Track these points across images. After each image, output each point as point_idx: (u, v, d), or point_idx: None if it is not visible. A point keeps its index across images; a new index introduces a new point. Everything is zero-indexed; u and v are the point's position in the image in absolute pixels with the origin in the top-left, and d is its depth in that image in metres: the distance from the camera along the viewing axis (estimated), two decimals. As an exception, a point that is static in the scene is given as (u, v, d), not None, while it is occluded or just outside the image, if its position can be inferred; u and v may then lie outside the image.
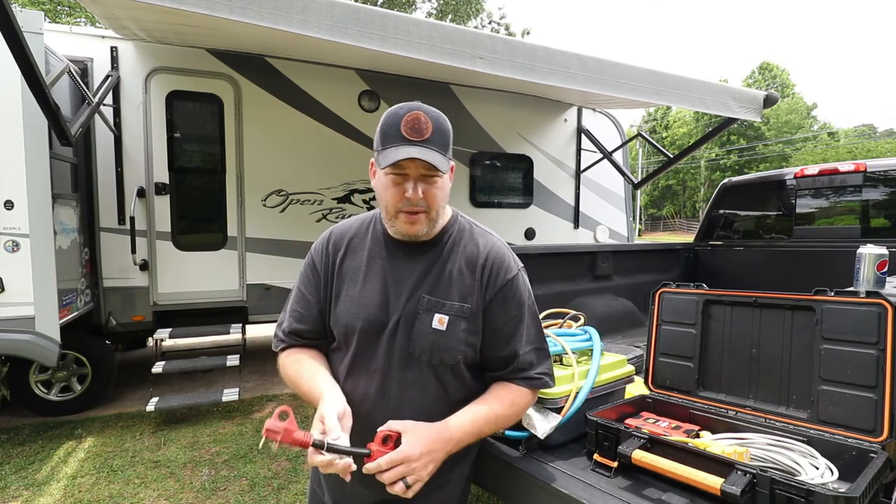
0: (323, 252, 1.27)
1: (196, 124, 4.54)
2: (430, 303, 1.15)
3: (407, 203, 1.10)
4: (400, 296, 1.17)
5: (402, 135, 1.07)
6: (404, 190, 1.09)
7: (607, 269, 3.40)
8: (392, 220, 1.15)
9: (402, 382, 1.16)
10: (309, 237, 4.72)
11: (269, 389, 4.66)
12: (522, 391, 1.21)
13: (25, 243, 3.24)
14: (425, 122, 1.08)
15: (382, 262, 1.20)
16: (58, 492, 2.86)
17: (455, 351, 1.15)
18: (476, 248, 1.21)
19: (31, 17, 3.08)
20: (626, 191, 6.89)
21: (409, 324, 1.15)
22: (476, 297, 1.17)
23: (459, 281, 1.17)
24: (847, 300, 1.38)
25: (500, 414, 1.17)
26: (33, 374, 3.96)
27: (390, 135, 1.08)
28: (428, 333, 1.14)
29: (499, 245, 1.24)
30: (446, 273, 1.18)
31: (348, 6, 2.55)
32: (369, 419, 1.10)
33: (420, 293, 1.16)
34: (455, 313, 1.15)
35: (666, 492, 1.22)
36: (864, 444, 1.24)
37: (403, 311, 1.15)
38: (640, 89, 3.54)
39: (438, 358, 1.15)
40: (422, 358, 1.14)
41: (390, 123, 1.09)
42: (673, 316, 1.75)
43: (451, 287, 1.17)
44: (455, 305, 1.15)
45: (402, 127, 1.07)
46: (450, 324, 1.14)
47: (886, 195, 3.31)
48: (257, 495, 2.83)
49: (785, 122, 41.45)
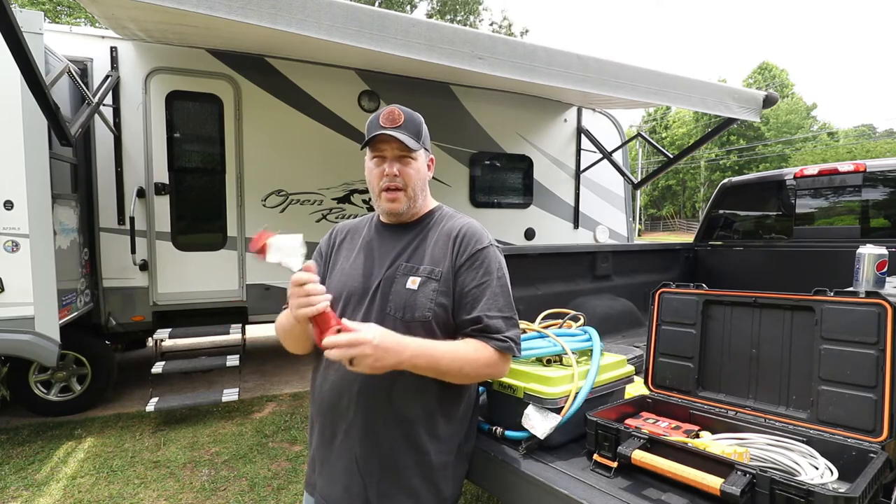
0: (328, 239, 1.47)
1: (196, 124, 4.53)
2: (406, 268, 1.30)
3: (386, 180, 1.30)
4: (382, 265, 1.32)
5: (379, 124, 1.29)
6: (383, 170, 1.30)
7: (607, 270, 3.40)
8: (378, 200, 1.34)
9: None
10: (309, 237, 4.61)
11: (269, 389, 4.66)
12: (487, 346, 1.23)
13: (25, 243, 3.24)
14: (398, 113, 1.30)
15: (371, 241, 1.39)
16: (57, 492, 2.86)
17: (425, 308, 1.25)
18: (453, 225, 1.36)
19: (30, 18, 3.08)
20: (625, 191, 6.89)
21: (387, 287, 1.29)
22: (447, 262, 1.30)
23: (434, 250, 1.32)
24: (847, 300, 1.38)
25: (461, 352, 1.21)
26: (33, 374, 3.96)
27: (371, 126, 1.31)
28: (402, 293, 1.27)
29: (475, 224, 1.37)
30: (424, 245, 1.34)
31: (347, 6, 2.55)
32: (347, 373, 1.18)
33: (400, 261, 1.32)
34: (426, 275, 1.28)
35: (666, 492, 1.22)
36: (864, 445, 1.24)
37: (384, 277, 1.30)
38: (640, 89, 3.54)
39: (410, 314, 1.25)
40: (396, 315, 1.25)
41: (372, 120, 1.32)
42: (673, 316, 1.75)
43: (425, 255, 1.32)
44: (427, 268, 1.29)
45: (381, 119, 1.29)
46: (421, 284, 1.27)
47: (886, 195, 3.31)
48: (257, 495, 2.83)
49: (784, 122, 41.46)
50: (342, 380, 1.26)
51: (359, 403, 1.24)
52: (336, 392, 1.27)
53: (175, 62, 4.30)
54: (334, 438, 1.28)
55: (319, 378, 1.34)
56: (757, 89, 4.35)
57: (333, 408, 1.28)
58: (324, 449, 1.31)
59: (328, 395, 1.29)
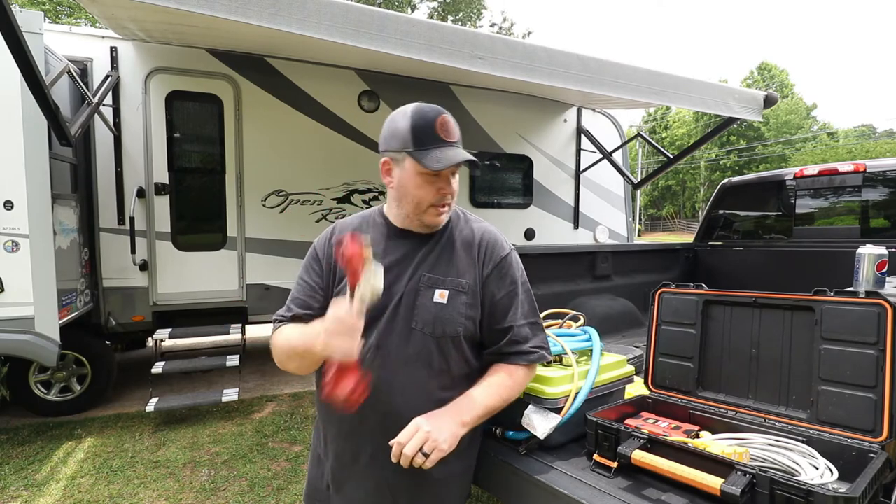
0: (325, 243, 1.34)
1: (196, 124, 4.53)
2: (430, 280, 1.23)
3: (440, 198, 1.21)
4: (402, 276, 1.23)
5: (438, 137, 1.17)
6: (438, 187, 1.20)
7: (607, 270, 3.40)
8: (421, 214, 1.23)
9: (404, 357, 1.20)
10: (309, 237, 4.67)
11: (268, 390, 4.66)
12: (517, 367, 1.27)
13: (25, 243, 3.24)
14: (453, 125, 1.21)
15: (385, 247, 1.27)
16: (57, 492, 2.86)
17: (456, 323, 1.22)
18: (471, 231, 1.32)
19: (30, 18, 3.08)
20: (625, 191, 6.89)
21: (411, 300, 1.22)
22: (473, 273, 1.26)
23: (458, 260, 1.27)
24: (846, 300, 1.38)
25: (502, 386, 1.24)
26: (33, 374, 3.96)
27: (427, 137, 1.17)
28: (430, 307, 1.21)
29: (491, 229, 1.36)
30: (445, 254, 1.27)
31: (347, 6, 2.55)
32: (374, 395, 1.13)
33: (421, 272, 1.24)
34: (454, 288, 1.23)
35: (666, 492, 1.22)
36: (864, 445, 1.24)
37: (406, 289, 1.22)
38: (640, 89, 3.54)
39: (441, 330, 1.21)
40: (424, 331, 1.20)
41: (422, 126, 1.17)
42: (672, 316, 1.75)
43: (450, 265, 1.26)
44: (454, 281, 1.24)
45: (438, 130, 1.17)
46: (450, 297, 1.22)
47: (886, 195, 3.31)
48: (257, 495, 2.83)
49: (784, 122, 41.46)
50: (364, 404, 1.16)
51: (388, 427, 1.18)
52: (358, 416, 1.17)
53: (175, 62, 4.30)
54: (356, 461, 1.24)
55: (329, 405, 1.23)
56: (757, 89, 4.35)
57: (356, 430, 1.23)
58: (343, 471, 1.27)
59: (349, 418, 1.19)
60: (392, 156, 1.22)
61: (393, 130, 1.20)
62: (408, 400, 1.19)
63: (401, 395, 1.19)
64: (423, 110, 1.19)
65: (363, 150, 4.95)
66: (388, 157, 1.23)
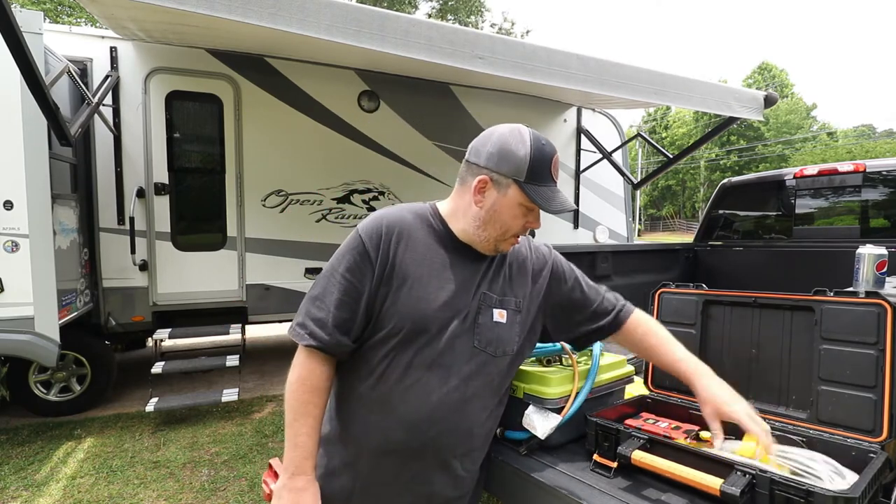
0: (381, 237, 1.17)
1: (196, 124, 4.54)
2: (490, 299, 1.23)
3: (524, 231, 1.24)
4: (466, 293, 1.20)
5: (551, 177, 1.17)
6: (528, 221, 1.22)
7: (607, 270, 3.39)
8: (498, 241, 1.22)
9: (465, 375, 1.19)
10: (309, 237, 4.72)
11: (268, 390, 4.66)
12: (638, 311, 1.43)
13: (25, 243, 3.24)
14: (558, 164, 1.20)
15: (448, 260, 1.21)
16: (57, 492, 2.86)
17: (513, 342, 1.25)
18: (519, 247, 1.35)
19: (30, 18, 3.08)
20: (625, 191, 6.89)
21: (473, 319, 1.20)
22: (526, 290, 1.30)
23: (512, 279, 1.29)
24: (846, 300, 1.37)
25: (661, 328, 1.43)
26: (33, 374, 3.96)
27: (542, 173, 1.15)
28: (491, 327, 1.21)
29: (533, 241, 1.43)
30: (502, 272, 1.28)
31: (347, 6, 2.55)
32: (434, 414, 1.15)
33: (482, 290, 1.23)
34: (512, 307, 1.25)
35: (665, 492, 1.22)
36: (864, 445, 1.24)
37: (469, 308, 1.20)
38: (640, 89, 3.54)
39: (501, 349, 1.22)
40: (487, 350, 1.20)
41: (541, 160, 1.14)
42: (672, 316, 1.75)
43: (506, 284, 1.27)
44: (512, 300, 1.26)
45: (552, 169, 1.17)
46: (508, 317, 1.24)
47: (886, 195, 3.31)
48: (257, 496, 2.83)
49: (784, 122, 41.48)
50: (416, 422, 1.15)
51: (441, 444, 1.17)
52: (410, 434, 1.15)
53: (175, 62, 4.30)
54: (397, 478, 1.19)
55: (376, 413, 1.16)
56: (757, 89, 4.35)
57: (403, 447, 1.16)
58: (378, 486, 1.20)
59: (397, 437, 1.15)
60: (497, 178, 1.15)
61: (506, 154, 1.13)
62: (465, 417, 1.19)
63: (458, 412, 1.18)
64: (542, 143, 1.15)
65: (363, 150, 4.95)
66: (490, 177, 1.15)
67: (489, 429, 1.29)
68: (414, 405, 1.13)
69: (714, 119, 20.73)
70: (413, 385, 1.14)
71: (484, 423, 1.25)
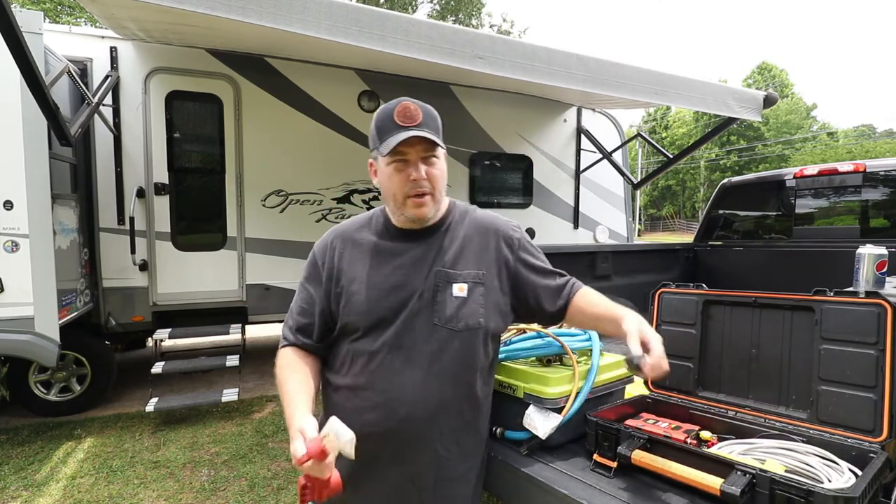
0: (327, 248, 1.30)
1: (196, 124, 4.53)
2: (447, 275, 1.22)
3: (413, 186, 1.18)
4: (418, 273, 1.22)
5: (396, 124, 1.15)
6: (408, 174, 1.17)
7: (607, 270, 3.40)
8: (401, 207, 1.21)
9: (429, 353, 1.19)
10: (308, 237, 4.71)
11: (268, 390, 4.66)
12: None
13: (25, 243, 3.24)
14: (415, 109, 1.16)
15: (392, 249, 1.26)
16: (57, 492, 2.86)
17: (477, 314, 1.22)
18: (477, 220, 1.33)
19: (30, 18, 3.08)
20: (625, 191, 6.89)
21: (430, 297, 1.21)
22: (491, 262, 1.28)
23: (472, 252, 1.27)
24: (846, 300, 1.38)
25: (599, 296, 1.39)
26: (33, 374, 3.95)
27: (385, 127, 1.16)
28: (451, 302, 1.20)
29: (493, 216, 1.39)
30: (458, 248, 1.26)
31: (348, 6, 2.55)
32: (402, 394, 1.16)
33: (436, 268, 1.23)
34: (472, 280, 1.24)
35: (666, 492, 1.22)
36: (864, 444, 1.24)
37: (424, 287, 1.21)
38: (640, 89, 3.55)
39: (463, 323, 1.21)
40: (447, 326, 1.20)
41: (383, 117, 1.17)
42: (673, 316, 1.75)
43: (465, 259, 1.25)
44: (471, 273, 1.24)
45: (396, 117, 1.15)
46: (469, 290, 1.22)
47: (886, 195, 3.31)
48: (257, 495, 2.83)
49: (784, 122, 41.46)
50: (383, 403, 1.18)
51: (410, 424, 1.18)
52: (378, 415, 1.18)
53: (175, 62, 4.30)
54: (377, 460, 1.21)
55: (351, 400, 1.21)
56: (757, 89, 4.35)
57: (375, 430, 1.18)
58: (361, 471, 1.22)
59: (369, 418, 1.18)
60: (373, 156, 1.24)
61: (370, 132, 1.22)
62: (430, 396, 1.18)
63: (422, 391, 1.17)
64: (388, 104, 1.19)
65: (363, 150, 4.94)
66: (371, 160, 1.26)
67: (471, 407, 1.26)
68: (381, 387, 1.18)
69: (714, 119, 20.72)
70: (377, 368, 1.19)
71: (461, 402, 1.23)
